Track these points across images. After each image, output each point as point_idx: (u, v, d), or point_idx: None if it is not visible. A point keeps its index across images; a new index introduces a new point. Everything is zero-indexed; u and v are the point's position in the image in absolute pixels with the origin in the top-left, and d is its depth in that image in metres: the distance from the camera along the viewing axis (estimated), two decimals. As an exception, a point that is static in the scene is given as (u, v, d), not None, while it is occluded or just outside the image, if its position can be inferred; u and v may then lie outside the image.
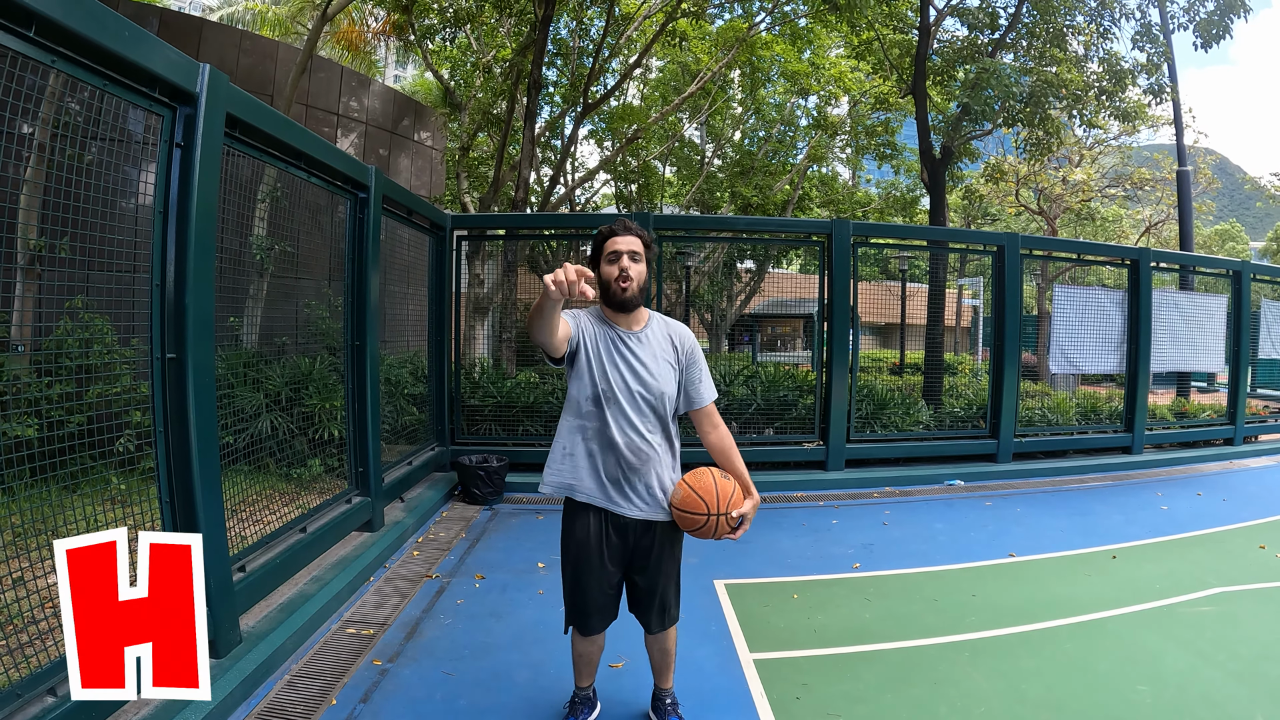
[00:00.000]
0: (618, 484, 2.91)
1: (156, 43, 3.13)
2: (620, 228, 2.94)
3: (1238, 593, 5.11)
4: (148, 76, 3.12)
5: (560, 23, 16.63)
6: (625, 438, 2.87)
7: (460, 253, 8.42)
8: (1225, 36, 11.23)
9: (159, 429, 3.29)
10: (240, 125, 3.88)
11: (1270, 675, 3.85)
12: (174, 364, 3.32)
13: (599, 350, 2.89)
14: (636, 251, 2.90)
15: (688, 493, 2.83)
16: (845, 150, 24.40)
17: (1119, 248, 12.11)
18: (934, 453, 9.12)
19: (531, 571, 5.33)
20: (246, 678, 3.35)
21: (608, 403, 2.87)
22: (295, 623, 3.93)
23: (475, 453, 7.75)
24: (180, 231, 3.33)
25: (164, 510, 3.28)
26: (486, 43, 16.79)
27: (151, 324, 3.27)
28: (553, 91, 18.50)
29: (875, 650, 4.12)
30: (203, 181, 3.40)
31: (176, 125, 3.37)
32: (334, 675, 3.65)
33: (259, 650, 3.57)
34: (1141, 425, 10.19)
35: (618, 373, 2.88)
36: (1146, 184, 23.96)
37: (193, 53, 4.88)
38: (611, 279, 2.89)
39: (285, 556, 4.32)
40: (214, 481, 3.48)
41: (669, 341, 3.01)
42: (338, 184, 5.32)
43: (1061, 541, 6.34)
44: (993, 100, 11.01)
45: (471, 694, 3.53)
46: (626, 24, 16.12)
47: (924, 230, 11.85)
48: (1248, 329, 11.56)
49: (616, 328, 2.93)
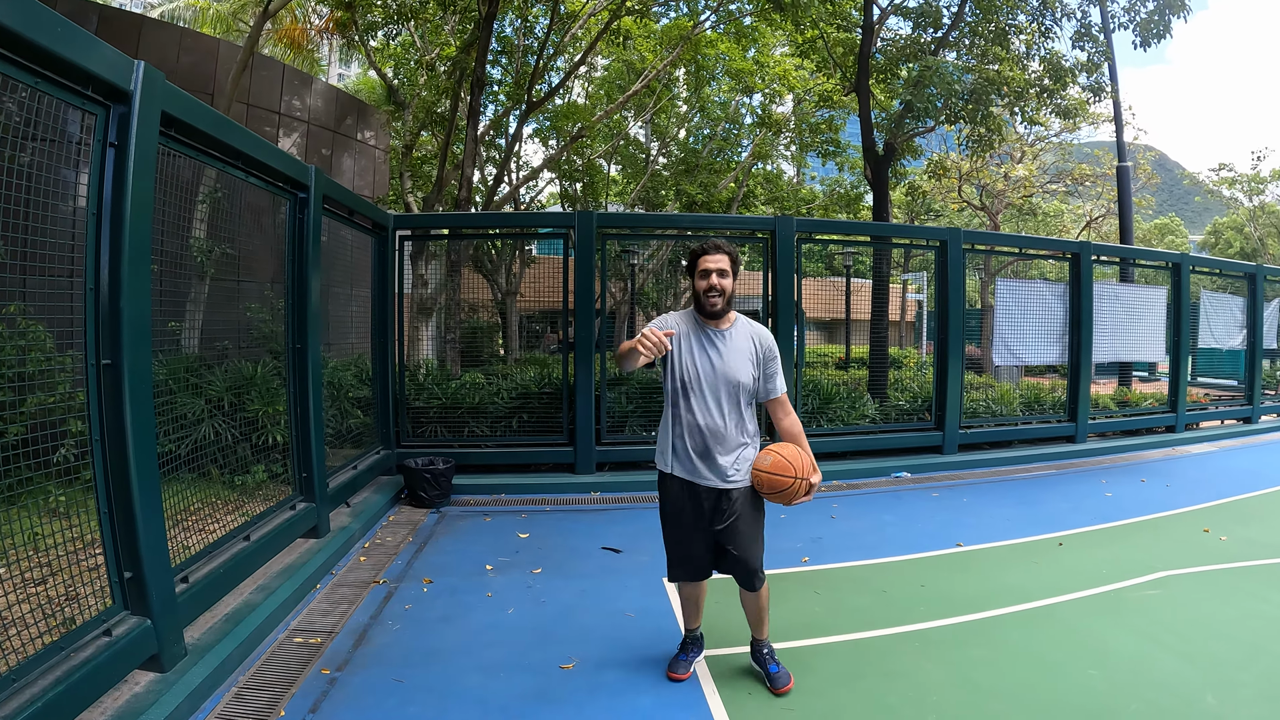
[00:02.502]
0: (702, 458, 3.45)
1: (90, 39, 3.03)
2: (711, 248, 3.44)
3: (1183, 576, 5.31)
4: (81, 74, 3.03)
5: (505, 20, 16.50)
6: (707, 419, 3.42)
7: (404, 253, 8.32)
8: (1165, 36, 11.59)
9: (95, 438, 3.18)
10: (176, 124, 3.78)
11: (1219, 655, 4.00)
12: (110, 370, 3.22)
13: (690, 347, 3.46)
14: (725, 269, 3.41)
15: (777, 459, 3.34)
16: (790, 148, 24.67)
17: (1060, 242, 12.50)
18: (881, 446, 9.28)
19: (480, 574, 5.30)
20: (193, 691, 3.27)
21: (691, 391, 3.44)
22: (241, 633, 3.85)
23: (421, 455, 7.66)
24: (115, 234, 3.24)
25: (103, 522, 3.18)
26: (430, 40, 16.56)
27: (86, 329, 3.17)
28: (497, 90, 18.35)
29: (826, 643, 4.18)
30: (137, 182, 3.31)
31: (111, 124, 3.28)
32: (282, 686, 3.58)
33: (205, 663, 3.49)
34: (1085, 414, 10.53)
35: (703, 364, 3.43)
36: (1087, 180, 24.80)
37: (132, 51, 4.75)
38: (702, 292, 3.42)
39: (230, 566, 4.22)
40: (153, 491, 3.38)
41: (750, 341, 3.52)
42: (277, 184, 5.21)
43: (1008, 530, 6.51)
44: (935, 98, 11.20)
45: (422, 700, 3.50)
46: (571, 22, 16.07)
47: (868, 226, 12.06)
48: (1188, 319, 12.05)
49: (706, 327, 3.49)
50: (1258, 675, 3.77)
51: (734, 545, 3.44)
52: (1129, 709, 3.43)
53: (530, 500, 7.50)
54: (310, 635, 4.19)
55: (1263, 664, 3.91)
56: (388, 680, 3.69)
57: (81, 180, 3.26)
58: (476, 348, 11.17)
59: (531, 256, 17.88)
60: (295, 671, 3.74)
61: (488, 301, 16.78)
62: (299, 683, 3.63)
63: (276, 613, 4.26)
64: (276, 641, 4.09)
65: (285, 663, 3.84)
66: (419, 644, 4.12)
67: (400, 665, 3.86)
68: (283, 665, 3.81)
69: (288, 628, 4.28)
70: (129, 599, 3.30)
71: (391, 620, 4.45)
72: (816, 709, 3.45)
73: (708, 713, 3.41)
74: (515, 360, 13.34)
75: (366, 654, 3.98)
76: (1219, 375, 16.21)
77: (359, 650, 4.03)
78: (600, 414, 8.30)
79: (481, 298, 16.15)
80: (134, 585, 3.30)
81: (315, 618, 4.45)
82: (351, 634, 4.24)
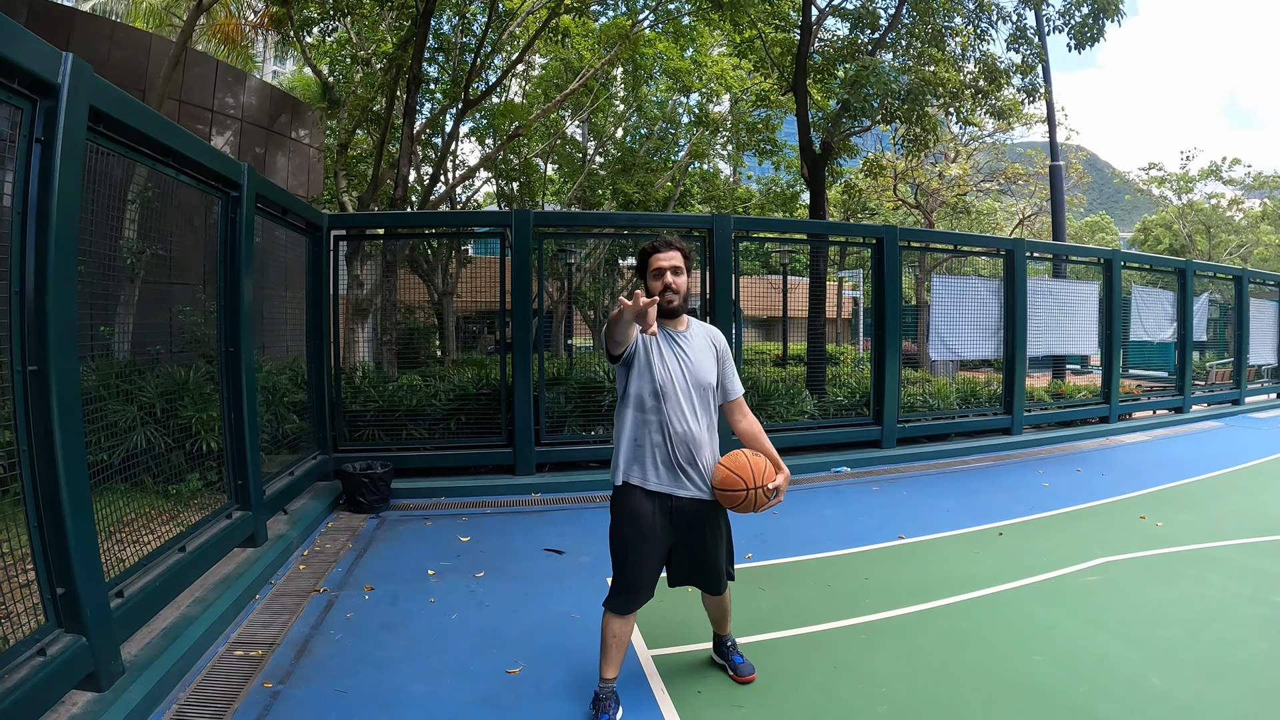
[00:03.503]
0: (679, 468, 3.26)
1: (16, 29, 2.91)
2: (662, 244, 3.32)
3: (1122, 561, 5.52)
4: (7, 67, 2.90)
5: (442, 18, 16.27)
6: (684, 426, 3.24)
7: (338, 254, 8.15)
8: (1099, 39, 12.01)
9: (22, 449, 3.04)
10: (105, 119, 3.65)
11: (1160, 638, 4.18)
12: (36, 376, 3.09)
13: (659, 350, 3.27)
14: (679, 267, 3.31)
15: (726, 473, 3.21)
16: (727, 147, 24.87)
17: (994, 239, 12.84)
18: (820, 441, 9.45)
19: (422, 579, 5.23)
20: (131, 711, 3.14)
21: (667, 396, 3.23)
22: (180, 648, 3.72)
23: (359, 459, 7.53)
24: (40, 233, 3.11)
25: (33, 536, 3.04)
26: (367, 37, 16.22)
27: (11, 334, 3.03)
28: (434, 88, 18.09)
29: (773, 639, 4.24)
30: (64, 179, 3.18)
31: (37, 119, 3.14)
32: (224, 701, 3.48)
33: (143, 681, 3.36)
34: (1020, 407, 10.89)
35: (676, 368, 3.27)
36: (1020, 178, 25.62)
37: (62, 44, 4.57)
38: (657, 293, 3.27)
39: (165, 578, 4.07)
40: (84, 502, 3.24)
41: (708, 341, 3.43)
42: (209, 182, 5.06)
43: (949, 521, 6.68)
44: (872, 98, 11.37)
45: (367, 711, 3.45)
46: (509, 20, 15.92)
47: (806, 224, 12.19)
48: (1119, 313, 12.56)
49: (665, 328, 3.34)
50: (1199, 655, 3.94)
51: (712, 555, 3.38)
52: (1076, 691, 3.56)
53: (471, 503, 7.42)
54: (251, 648, 4.07)
55: (1203, 644, 4.08)
56: (331, 692, 3.61)
57: (6, 178, 3.12)
58: (413, 349, 11.00)
59: (468, 256, 17.70)
60: (237, 686, 3.63)
61: (424, 302, 16.57)
62: (241, 698, 3.52)
63: (215, 625, 4.13)
64: (216, 655, 3.96)
65: (226, 677, 3.72)
66: (362, 653, 4.05)
67: (344, 676, 3.78)
68: (224, 680, 3.70)
69: (228, 640, 4.15)
70: (62, 616, 3.17)
71: (333, 630, 4.36)
72: (767, 704, 3.49)
73: (659, 713, 3.43)
74: (453, 361, 13.19)
75: (309, 665, 3.89)
76: (1150, 367, 16.90)
77: (301, 661, 3.94)
78: (539, 414, 8.26)
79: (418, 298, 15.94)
80: (67, 601, 3.16)
81: (255, 629, 4.33)
82: (293, 645, 4.14)
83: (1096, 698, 3.50)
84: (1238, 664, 3.84)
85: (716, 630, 3.79)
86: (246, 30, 15.90)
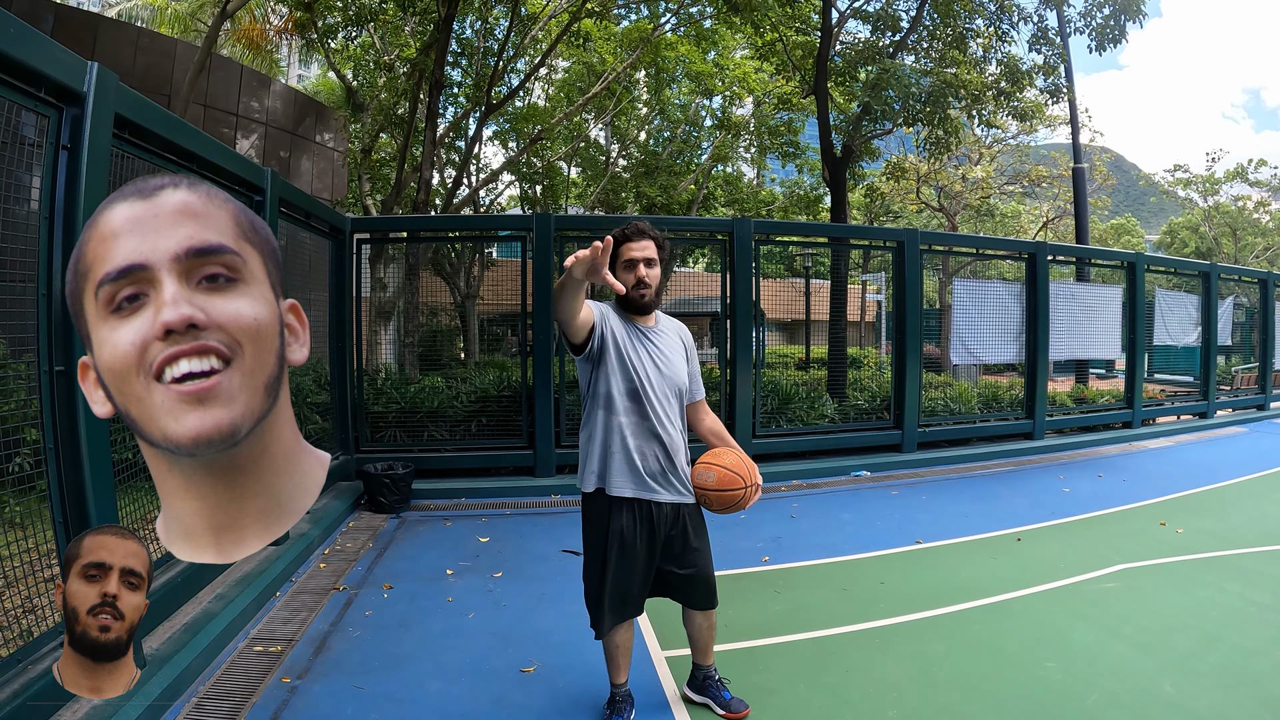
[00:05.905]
0: (658, 474, 3.05)
1: (42, 39, 2.99)
2: (634, 232, 3.06)
3: (1141, 568, 5.44)
4: (33, 75, 2.99)
5: (465, 22, 16.40)
6: (661, 428, 3.02)
7: (361, 256, 8.24)
8: (1121, 41, 11.83)
9: (49, 446, 3.13)
10: (130, 126, 3.74)
11: (1176, 646, 4.11)
12: (63, 377, 3.17)
13: (631, 345, 3.02)
14: (652, 258, 3.03)
15: (722, 473, 3.08)
16: (749, 150, 24.80)
17: (1017, 242, 12.74)
18: (840, 445, 9.40)
19: (440, 579, 5.28)
20: (153, 703, 3.22)
21: (644, 396, 3.00)
22: (201, 643, 3.80)
23: (381, 460, 7.60)
24: (67, 237, 3.18)
25: (58, 533, 3.12)
26: (390, 42, 16.41)
27: (39, 335, 3.11)
28: (457, 92, 18.23)
29: (786, 641, 4.23)
30: (90, 185, 3.26)
31: (63, 126, 3.24)
32: (242, 695, 3.54)
33: (164, 673, 3.44)
34: (1042, 411, 10.77)
35: (650, 366, 3.04)
36: (1044, 181, 25.29)
37: (88, 51, 4.67)
38: (629, 286, 3.00)
39: (188, 574, 4.16)
40: (109, 499, 3.33)
41: (678, 338, 3.20)
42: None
43: (967, 526, 6.62)
44: (893, 100, 11.31)
45: (382, 707, 3.49)
46: (531, 24, 16.03)
47: (826, 227, 12.16)
48: (1143, 317, 12.40)
49: (636, 324, 3.08)
50: (1214, 664, 3.88)
51: (697, 564, 3.16)
52: (1088, 699, 3.52)
53: (490, 504, 7.48)
54: (270, 643, 4.14)
55: (1220, 653, 4.02)
56: (348, 688, 3.66)
57: (34, 184, 3.21)
58: (436, 351, 11.10)
59: (491, 259, 17.79)
60: (255, 681, 3.70)
61: (447, 304, 16.67)
62: (259, 692, 3.59)
63: (236, 621, 4.20)
64: (236, 650, 4.04)
65: (245, 672, 3.79)
66: (379, 650, 4.10)
67: (361, 672, 3.83)
68: (243, 674, 3.76)
69: (247, 636, 4.23)
70: (85, 609, 3.24)
71: (352, 627, 4.42)
72: (778, 706, 3.49)
73: (670, 714, 3.44)
74: (475, 363, 13.27)
75: (327, 661, 3.95)
76: (1175, 372, 16.67)
77: (319, 658, 4.00)
78: (560, 416, 8.30)
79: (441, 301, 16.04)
80: (90, 595, 3.23)
81: (275, 626, 4.40)
82: (311, 641, 4.20)
83: (1108, 705, 3.46)
84: (1254, 674, 3.77)
85: (698, 659, 3.45)
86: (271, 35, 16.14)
